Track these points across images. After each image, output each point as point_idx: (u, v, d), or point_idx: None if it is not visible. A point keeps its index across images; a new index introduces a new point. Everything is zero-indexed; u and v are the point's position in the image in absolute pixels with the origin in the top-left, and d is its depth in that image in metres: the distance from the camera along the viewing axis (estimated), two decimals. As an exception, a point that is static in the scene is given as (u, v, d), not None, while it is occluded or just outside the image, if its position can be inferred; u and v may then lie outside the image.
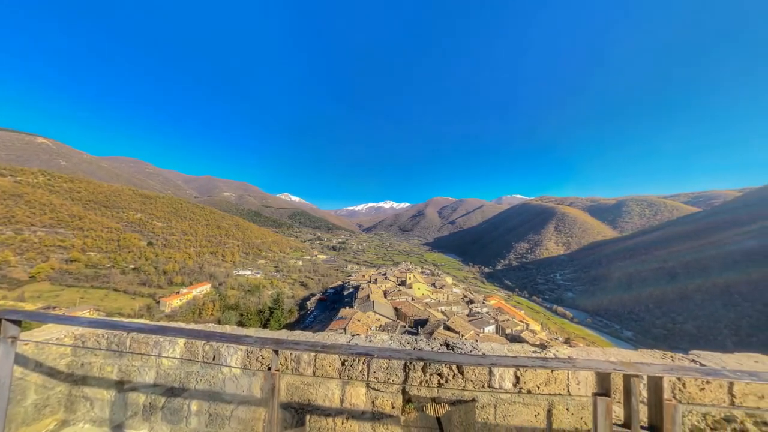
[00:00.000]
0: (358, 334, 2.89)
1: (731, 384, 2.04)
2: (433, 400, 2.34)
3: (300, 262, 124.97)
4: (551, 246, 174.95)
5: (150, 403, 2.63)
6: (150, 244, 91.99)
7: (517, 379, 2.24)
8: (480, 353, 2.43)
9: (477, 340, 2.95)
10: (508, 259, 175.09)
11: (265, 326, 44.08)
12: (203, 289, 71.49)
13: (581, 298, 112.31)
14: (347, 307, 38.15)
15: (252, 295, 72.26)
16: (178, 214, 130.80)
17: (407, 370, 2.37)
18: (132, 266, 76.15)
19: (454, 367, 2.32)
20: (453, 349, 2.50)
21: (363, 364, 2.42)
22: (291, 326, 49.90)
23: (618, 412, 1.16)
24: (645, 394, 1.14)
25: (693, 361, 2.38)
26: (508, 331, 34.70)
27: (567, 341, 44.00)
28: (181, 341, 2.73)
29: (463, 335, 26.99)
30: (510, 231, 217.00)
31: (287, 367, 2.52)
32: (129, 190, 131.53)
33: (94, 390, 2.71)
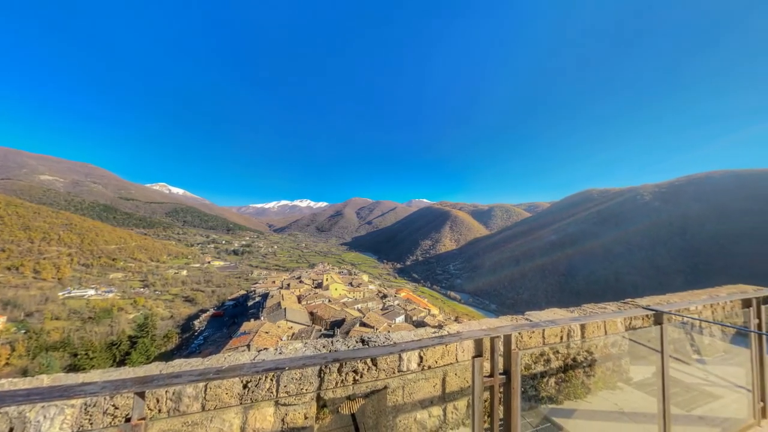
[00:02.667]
0: (266, 348, 2.56)
1: (543, 330, 3.11)
2: (348, 397, 2.37)
3: (184, 272, 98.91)
4: (447, 242, 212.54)
5: None
6: None
7: (421, 358, 2.59)
8: (392, 343, 2.64)
9: (389, 331, 3.18)
10: (416, 255, 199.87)
11: (121, 363, 32.41)
12: (-12, 326, 45.02)
13: (466, 283, 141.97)
14: (252, 320, 33.18)
15: (98, 323, 51.37)
16: (-76, 207, 77.41)
17: (322, 375, 2.29)
18: None
19: (368, 360, 2.43)
20: (368, 344, 2.62)
21: (271, 380, 2.17)
22: (168, 355, 38.80)
23: (487, 366, 1.53)
24: (502, 348, 1.56)
25: (527, 319, 3.45)
26: (414, 318, 39.48)
27: (457, 319, 54.45)
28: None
29: (377, 329, 28.69)
30: (417, 230, 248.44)
31: (160, 410, 1.94)
32: None
33: None
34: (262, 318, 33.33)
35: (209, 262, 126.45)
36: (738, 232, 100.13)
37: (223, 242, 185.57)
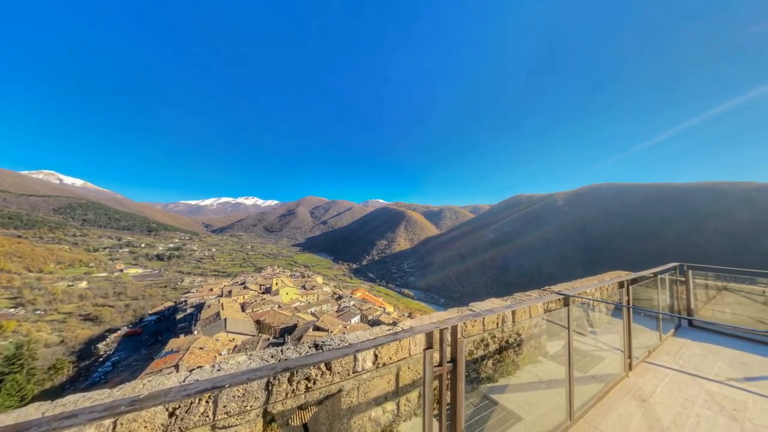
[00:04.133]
0: (200, 366, 2.22)
1: (484, 319, 3.50)
2: (300, 407, 2.24)
3: (83, 284, 79.09)
4: (402, 242, 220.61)
5: None
6: None
7: (376, 357, 2.62)
8: (347, 344, 2.60)
9: (344, 333, 3.12)
10: (372, 255, 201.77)
11: (-25, 412, 23.89)
12: None
13: (419, 280, 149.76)
14: (182, 335, 28.52)
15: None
16: None
17: (270, 388, 2.11)
18: None
19: (322, 365, 2.34)
20: (322, 348, 2.52)
21: (207, 402, 1.90)
22: (57, 391, 30.50)
23: (436, 357, 1.64)
24: (450, 338, 1.70)
25: (470, 310, 3.83)
26: (370, 317, 39.76)
27: (410, 315, 56.96)
28: None
29: (332, 332, 27.91)
30: (373, 230, 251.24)
31: (43, 463, 1.49)
32: None
33: None
34: (195, 332, 28.91)
35: (122, 271, 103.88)
36: (615, 231, 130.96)
37: (143, 246, 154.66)
